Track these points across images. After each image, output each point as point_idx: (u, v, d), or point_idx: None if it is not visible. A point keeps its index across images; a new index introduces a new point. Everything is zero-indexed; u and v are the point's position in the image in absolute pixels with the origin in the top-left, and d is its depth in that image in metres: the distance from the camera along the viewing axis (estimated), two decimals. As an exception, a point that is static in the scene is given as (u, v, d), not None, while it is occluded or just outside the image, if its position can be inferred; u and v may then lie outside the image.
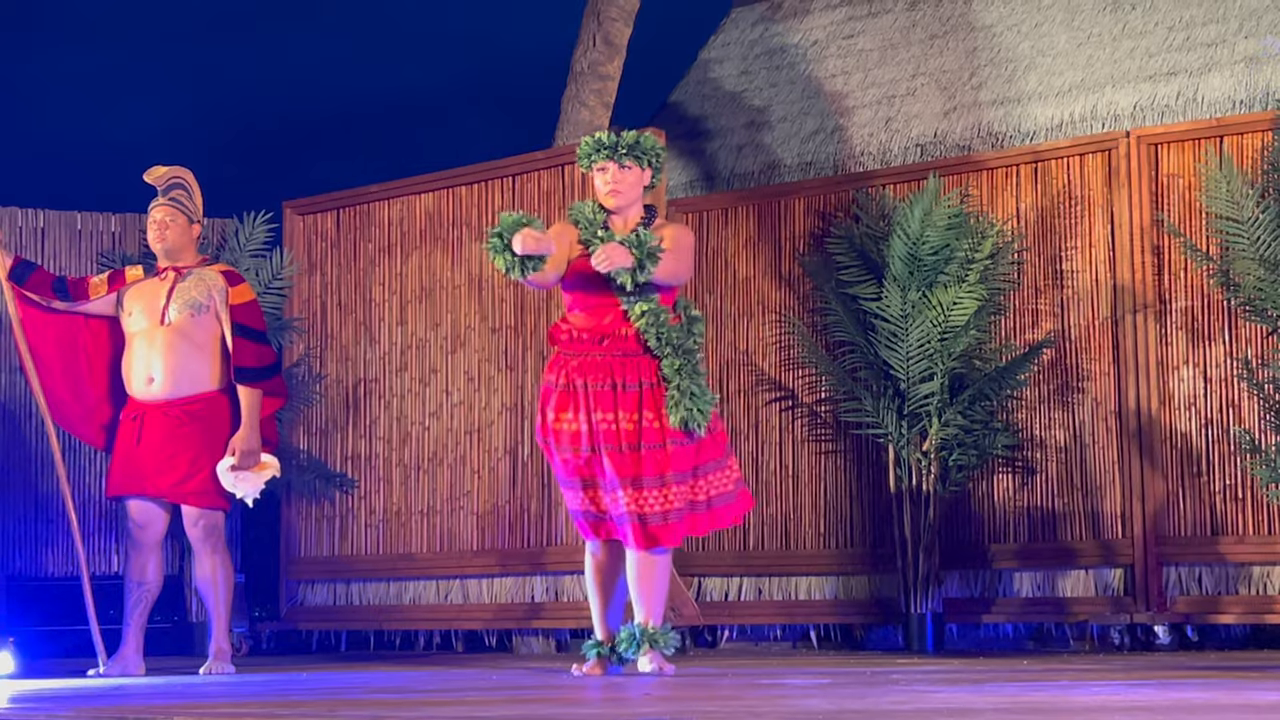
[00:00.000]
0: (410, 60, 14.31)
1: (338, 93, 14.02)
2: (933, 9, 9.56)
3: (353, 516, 8.65)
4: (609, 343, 5.08)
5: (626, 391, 5.05)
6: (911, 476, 7.53)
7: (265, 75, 13.97)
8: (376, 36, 14.32)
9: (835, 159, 8.98)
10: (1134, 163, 7.48)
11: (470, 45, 14.37)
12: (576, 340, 5.11)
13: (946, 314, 7.42)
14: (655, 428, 5.04)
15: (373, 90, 14.11)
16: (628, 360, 5.08)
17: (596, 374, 5.07)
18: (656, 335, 5.04)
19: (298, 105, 13.90)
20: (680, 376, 5.02)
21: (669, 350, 5.05)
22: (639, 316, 5.03)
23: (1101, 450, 7.46)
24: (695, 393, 5.03)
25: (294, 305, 8.88)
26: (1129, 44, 8.64)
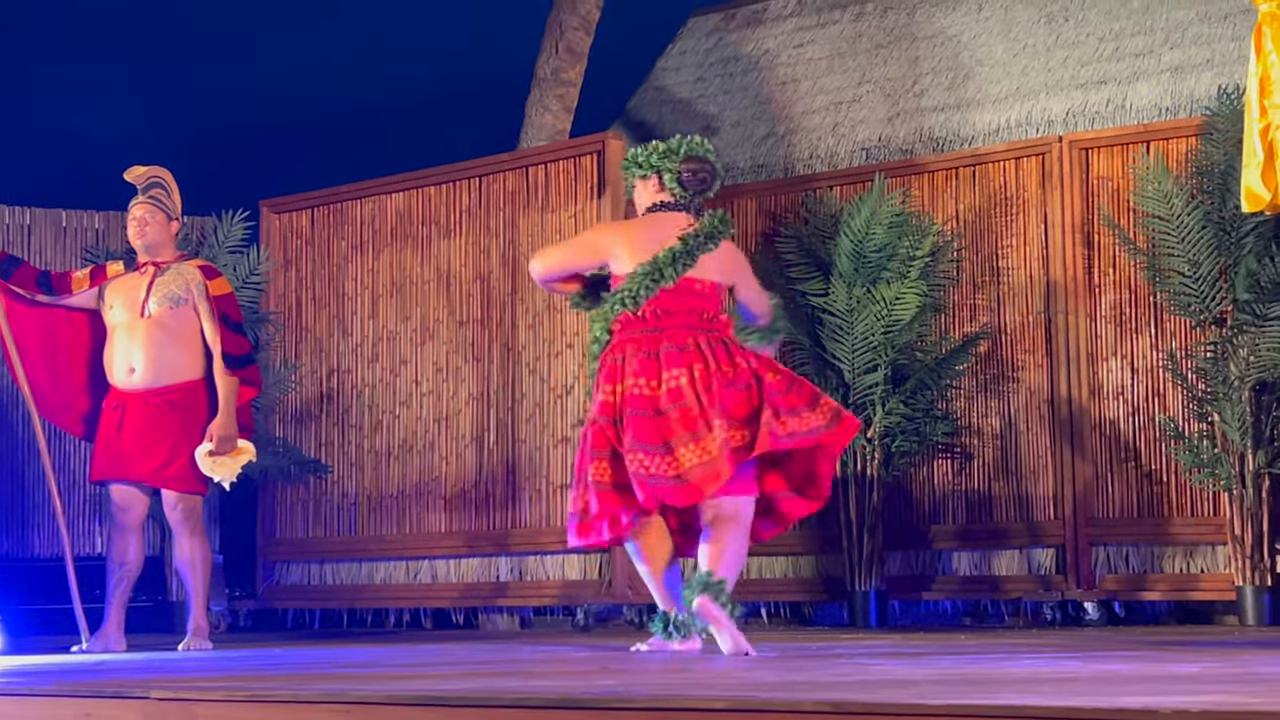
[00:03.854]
0: (382, 65, 14.26)
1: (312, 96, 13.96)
2: (878, 20, 9.59)
3: (326, 500, 8.62)
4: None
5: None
6: (856, 462, 7.55)
7: (243, 79, 13.90)
8: (350, 43, 14.27)
9: (785, 162, 9.00)
10: (1066, 166, 7.51)
11: (439, 52, 14.33)
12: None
13: (890, 309, 7.44)
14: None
15: (346, 94, 14.05)
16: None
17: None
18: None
19: (274, 108, 13.82)
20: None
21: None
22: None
23: (1034, 437, 7.50)
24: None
25: (270, 299, 8.85)
26: (1062, 54, 8.68)
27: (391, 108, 14.11)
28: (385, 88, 14.22)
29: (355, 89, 14.17)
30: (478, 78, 13.78)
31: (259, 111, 13.82)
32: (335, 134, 13.84)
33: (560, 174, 8.04)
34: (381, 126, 13.96)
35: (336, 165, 11.00)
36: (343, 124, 13.93)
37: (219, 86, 13.84)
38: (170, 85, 13.58)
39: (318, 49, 14.16)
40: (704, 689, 2.89)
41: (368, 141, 13.59)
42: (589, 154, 7.88)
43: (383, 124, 14.01)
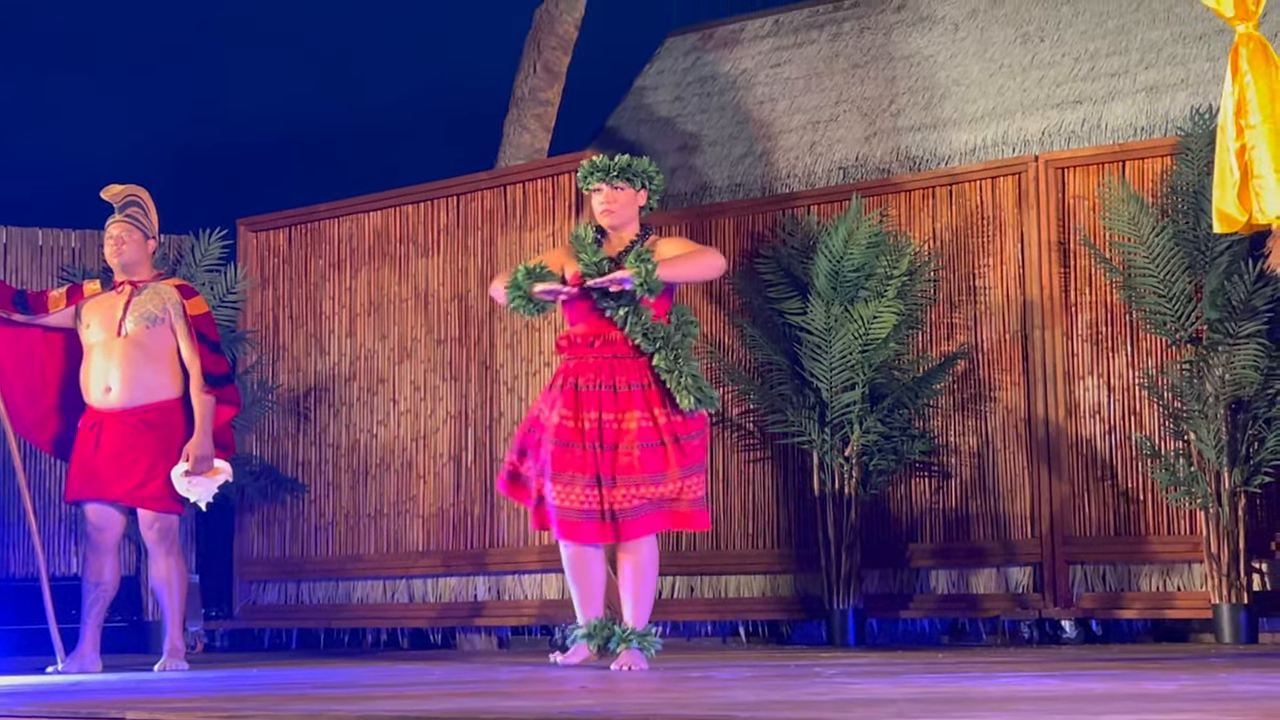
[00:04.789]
0: (360, 85, 14.26)
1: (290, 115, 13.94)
2: (855, 40, 9.63)
3: (303, 519, 8.60)
4: (600, 344, 5.07)
5: (618, 393, 5.03)
6: (834, 481, 7.55)
7: (221, 98, 13.88)
8: (327, 61, 14.26)
9: (763, 181, 9.02)
10: (1042, 185, 7.54)
11: (417, 71, 14.33)
12: (573, 344, 5.12)
13: (867, 327, 7.45)
14: (649, 426, 5.01)
15: (324, 113, 14.04)
16: (618, 362, 5.06)
17: (590, 374, 5.05)
18: (643, 333, 5.03)
19: (252, 126, 13.81)
20: (678, 365, 5.01)
21: (659, 345, 5.03)
22: (621, 320, 5.03)
23: (1011, 456, 7.51)
24: (696, 375, 5.04)
25: (247, 318, 8.83)
26: (1038, 74, 8.72)
27: (369, 127, 14.10)
28: (363, 107, 14.22)
29: (333, 108, 14.17)
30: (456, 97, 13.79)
31: (237, 130, 13.81)
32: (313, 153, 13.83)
33: (538, 193, 8.04)
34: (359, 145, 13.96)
35: (314, 184, 10.98)
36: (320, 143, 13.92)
37: (196, 105, 13.83)
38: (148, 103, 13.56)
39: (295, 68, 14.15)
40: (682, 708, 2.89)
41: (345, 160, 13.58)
42: (567, 173, 7.88)
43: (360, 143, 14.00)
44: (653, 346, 5.02)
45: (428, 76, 14.25)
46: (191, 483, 6.02)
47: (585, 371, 5.06)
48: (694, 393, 5.00)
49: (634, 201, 5.22)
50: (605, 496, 4.97)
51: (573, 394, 5.05)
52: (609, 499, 4.97)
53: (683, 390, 4.99)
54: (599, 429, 5.00)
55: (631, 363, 5.07)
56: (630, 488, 4.98)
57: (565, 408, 5.04)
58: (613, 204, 5.18)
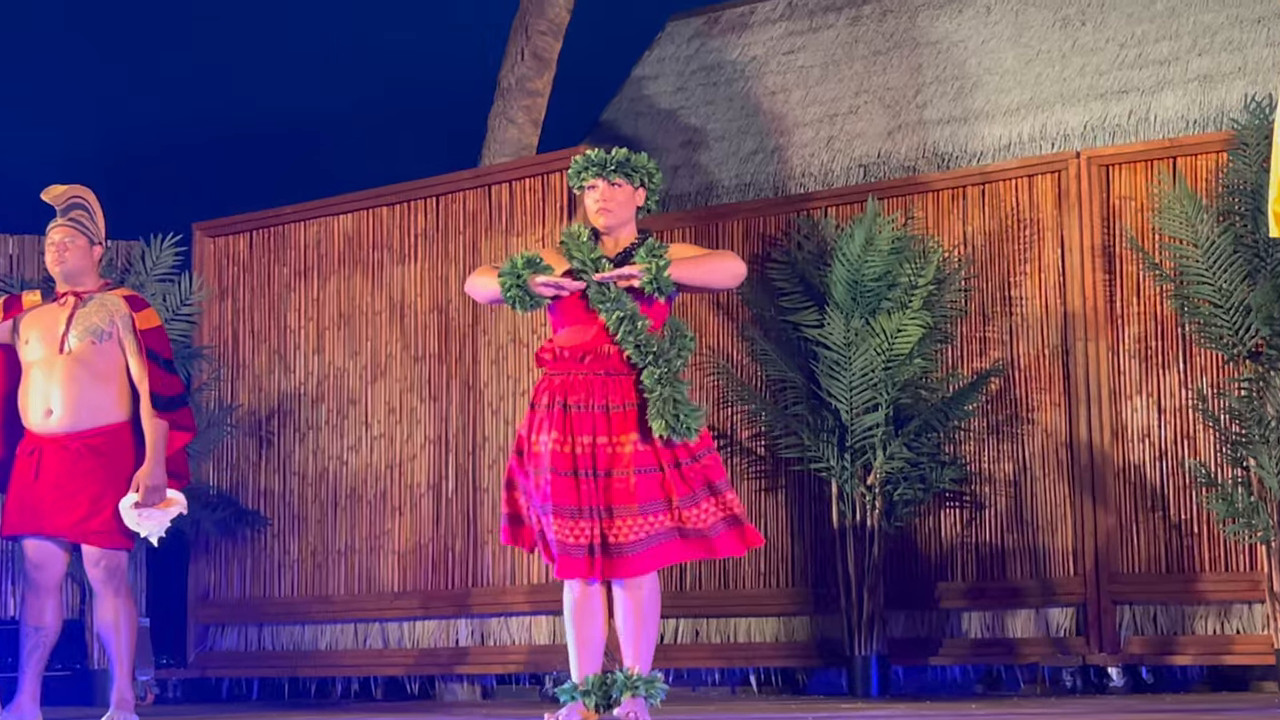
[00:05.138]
0: (329, 75, 14.25)
1: (251, 109, 13.92)
2: (876, 24, 9.62)
3: (266, 556, 8.56)
4: (591, 360, 4.99)
5: (611, 414, 4.99)
6: (855, 512, 7.52)
7: (176, 90, 13.86)
8: (294, 50, 14.24)
9: (775, 180, 9.00)
10: (1084, 184, 7.52)
11: (392, 59, 14.32)
12: (559, 359, 5.04)
13: (890, 342, 7.43)
14: (646, 450, 4.97)
15: (289, 106, 14.03)
16: (611, 380, 5.00)
17: (580, 393, 4.99)
18: (635, 344, 4.97)
19: (209, 123, 13.79)
20: (661, 385, 4.94)
21: (650, 359, 4.98)
22: (615, 325, 4.96)
23: (1051, 484, 7.48)
24: (679, 400, 4.96)
25: (204, 333, 8.80)
26: (1079, 61, 8.71)
27: (339, 120, 14.09)
28: (332, 98, 14.20)
29: (299, 99, 14.15)
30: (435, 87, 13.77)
31: (192, 126, 13.78)
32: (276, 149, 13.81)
33: (526, 193, 8.02)
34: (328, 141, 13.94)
35: (278, 184, 10.95)
36: (285, 138, 13.91)
37: (149, 98, 13.81)
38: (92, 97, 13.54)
39: (257, 55, 14.14)
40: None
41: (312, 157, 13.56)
42: (558, 171, 7.85)
43: (329, 138, 13.98)
44: (644, 361, 4.98)
45: (404, 66, 14.24)
46: (142, 515, 5.97)
47: (574, 390, 5.01)
48: (667, 419, 4.91)
49: (632, 200, 5.18)
50: (602, 529, 4.93)
51: (562, 415, 4.99)
52: (606, 532, 4.92)
53: (657, 414, 4.91)
54: (592, 454, 4.95)
55: (626, 380, 5.01)
56: (627, 519, 4.92)
57: (556, 430, 4.99)
58: (609, 202, 5.14)
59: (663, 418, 4.90)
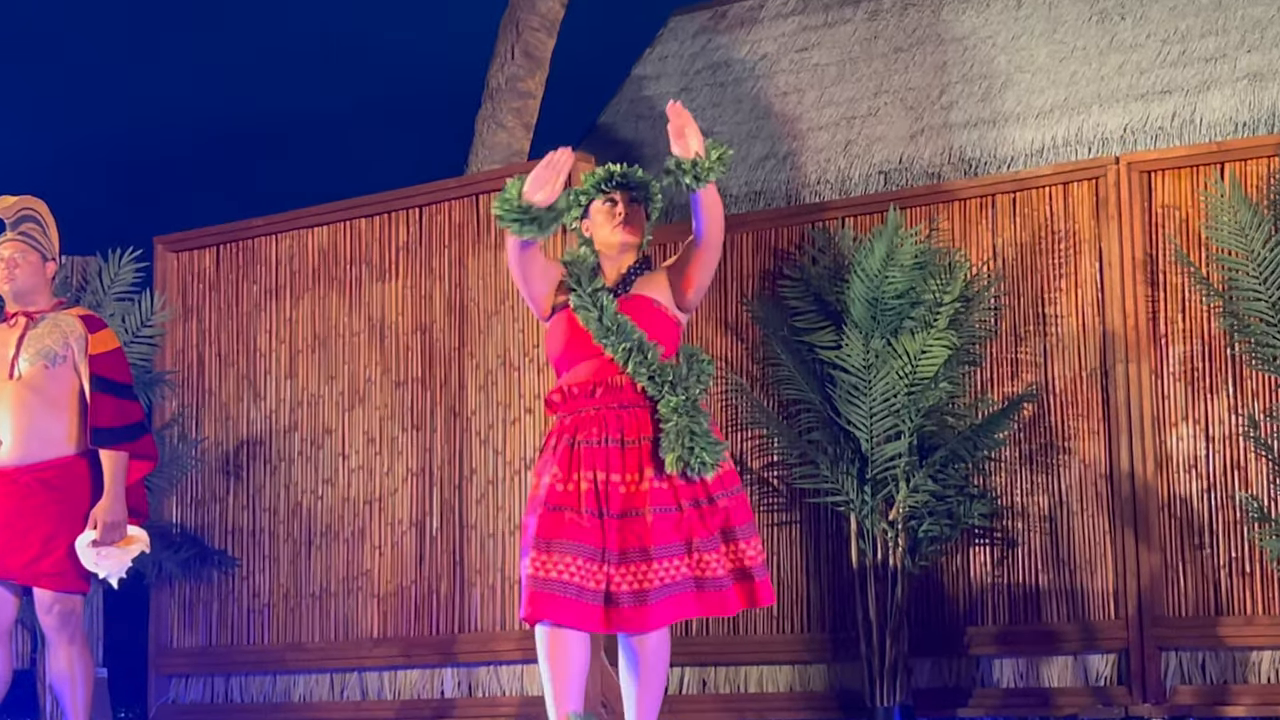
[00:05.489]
0: (302, 76, 14.30)
1: (219, 113, 13.97)
2: (897, 19, 9.66)
3: (234, 600, 8.57)
4: (602, 393, 5.02)
5: (625, 449, 5.00)
6: (876, 550, 7.53)
7: (135, 93, 13.90)
8: (264, 50, 14.29)
9: (787, 188, 9.03)
10: (1124, 192, 7.54)
11: (371, 59, 14.37)
12: (569, 398, 5.06)
13: (914, 364, 7.44)
14: (664, 488, 5.00)
15: (259, 110, 14.08)
16: (625, 413, 5.02)
17: (592, 428, 5.00)
18: (649, 375, 4.99)
19: (172, 129, 13.84)
20: (678, 415, 4.96)
21: (666, 388, 5.00)
22: (623, 357, 4.99)
23: (1090, 519, 7.49)
24: (696, 432, 4.97)
25: (167, 356, 8.82)
26: (1118, 59, 8.74)
27: (313, 125, 14.13)
28: (305, 102, 14.25)
29: (270, 103, 14.20)
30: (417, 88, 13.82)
31: (153, 133, 13.83)
32: (245, 157, 13.86)
33: (517, 204, 8.04)
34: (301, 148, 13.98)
35: (247, 194, 11.00)
36: (254, 145, 13.95)
37: (107, 102, 13.86)
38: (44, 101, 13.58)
39: (224, 56, 14.19)
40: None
41: (284, 165, 13.60)
42: (551, 180, 7.89)
43: (302, 144, 14.02)
44: (660, 392, 5.00)
45: (384, 65, 14.29)
46: (100, 555, 6.00)
47: (585, 426, 5.02)
48: (680, 452, 4.92)
49: (644, 222, 5.25)
50: (609, 575, 4.91)
51: (568, 453, 5.01)
52: (613, 578, 4.91)
53: (670, 447, 4.92)
54: (599, 492, 4.94)
55: (642, 413, 5.02)
56: (641, 564, 4.91)
57: (559, 467, 5.00)
58: (633, 218, 5.20)
59: (675, 451, 4.91)
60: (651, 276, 5.18)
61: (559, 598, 4.87)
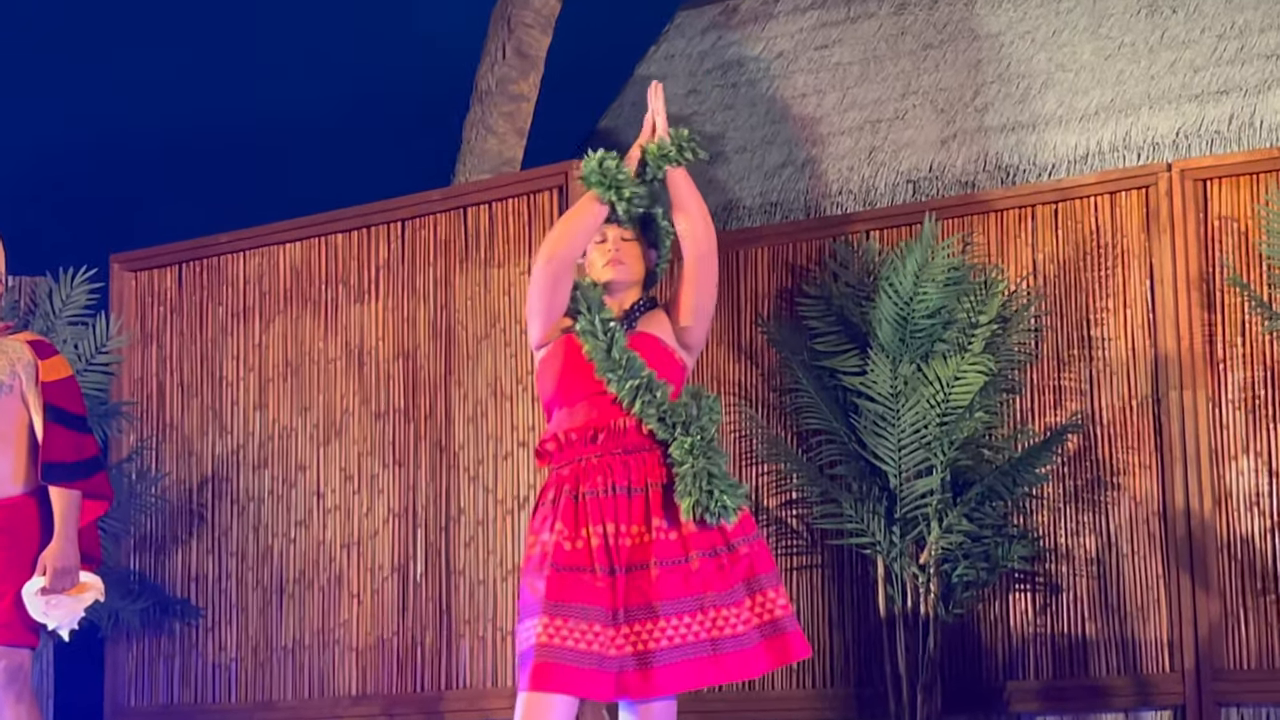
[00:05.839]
0: (271, 79, 14.30)
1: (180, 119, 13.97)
2: (926, 13, 9.66)
3: (197, 654, 8.55)
4: (605, 438, 4.99)
5: (632, 497, 4.95)
6: (906, 597, 7.51)
7: (88, 98, 13.90)
8: (229, 50, 14.30)
9: (807, 199, 9.02)
10: (1177, 203, 7.54)
11: (348, 59, 14.37)
12: (566, 445, 5.03)
13: (947, 392, 7.44)
14: (673, 539, 4.97)
15: (224, 116, 14.08)
16: (631, 458, 5.00)
17: (596, 477, 4.96)
18: (658, 415, 4.98)
19: (130, 134, 13.84)
20: (693, 457, 4.93)
21: (678, 429, 4.97)
22: (629, 396, 4.97)
23: (1142, 561, 7.48)
24: (714, 474, 4.95)
25: (124, 385, 8.82)
26: (1169, 56, 8.74)
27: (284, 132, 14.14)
28: (275, 106, 14.25)
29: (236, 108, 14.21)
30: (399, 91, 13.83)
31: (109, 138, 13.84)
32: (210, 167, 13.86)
33: (510, 216, 8.04)
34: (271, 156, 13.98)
35: (212, 208, 10.99)
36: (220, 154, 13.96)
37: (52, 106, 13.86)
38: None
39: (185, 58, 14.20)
40: None
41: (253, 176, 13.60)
42: (547, 190, 7.88)
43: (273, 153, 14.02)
44: (670, 433, 4.98)
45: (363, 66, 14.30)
46: (49, 604, 5.97)
47: (588, 476, 4.98)
48: (699, 496, 4.89)
49: (641, 257, 5.22)
50: (621, 637, 4.88)
51: (572, 506, 4.97)
52: (616, 639, 4.88)
53: (686, 492, 4.89)
54: (610, 547, 4.95)
55: (648, 456, 5.00)
56: (647, 622, 4.89)
57: (563, 523, 4.95)
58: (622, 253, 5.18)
59: (692, 495, 4.88)
60: (654, 314, 5.17)
61: (573, 669, 4.81)
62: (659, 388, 4.98)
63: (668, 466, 4.95)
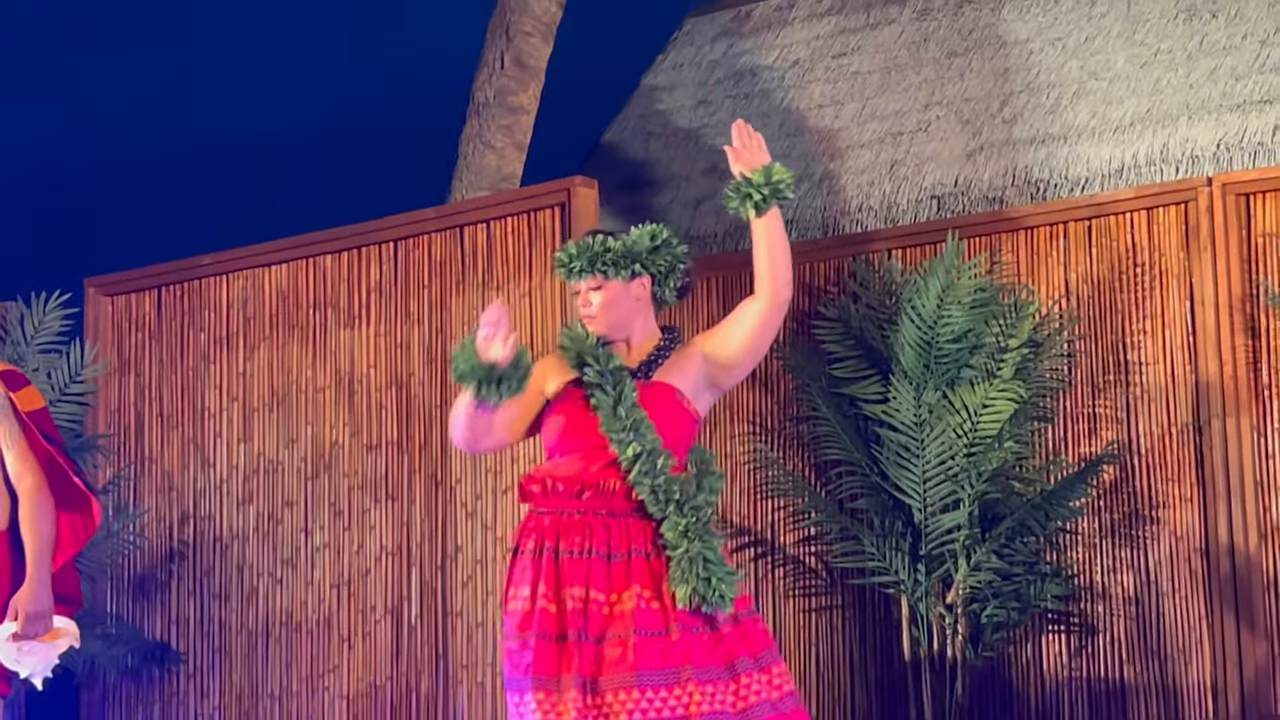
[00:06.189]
0: (255, 92, 14.32)
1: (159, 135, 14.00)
2: (951, 19, 9.68)
3: (179, 702, 8.54)
4: (590, 496, 5.04)
5: (612, 563, 5.00)
6: (932, 639, 7.50)
7: (62, 112, 13.94)
8: (211, 62, 14.33)
9: (824, 216, 9.03)
10: (1218, 219, 7.54)
11: (336, 70, 14.40)
12: (550, 493, 5.07)
13: (974, 420, 7.43)
14: (653, 610, 4.97)
15: (205, 131, 14.11)
16: (615, 522, 5.04)
17: (576, 537, 5.02)
18: (651, 488, 5.01)
19: (105, 150, 13.87)
20: (688, 540, 4.97)
21: (671, 507, 5.01)
22: (630, 461, 5.00)
23: (1183, 601, 7.47)
24: (710, 559, 4.98)
25: (100, 417, 8.82)
26: (1209, 63, 8.75)
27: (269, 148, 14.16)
28: (259, 121, 14.28)
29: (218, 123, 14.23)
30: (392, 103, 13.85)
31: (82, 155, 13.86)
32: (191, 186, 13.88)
33: (508, 236, 8.05)
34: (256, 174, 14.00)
35: (193, 228, 11.01)
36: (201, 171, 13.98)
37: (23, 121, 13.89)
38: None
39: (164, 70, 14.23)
40: None
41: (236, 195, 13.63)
42: (548, 208, 7.89)
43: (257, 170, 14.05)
44: (662, 510, 5.01)
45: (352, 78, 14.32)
46: (22, 650, 5.98)
47: (569, 534, 5.04)
48: (695, 585, 4.91)
49: (626, 295, 5.23)
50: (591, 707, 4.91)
51: (552, 565, 5.04)
52: (596, 710, 4.90)
53: (682, 579, 4.92)
54: (584, 612, 4.97)
55: (633, 522, 5.05)
56: (619, 692, 4.91)
57: (545, 584, 5.02)
58: (589, 307, 5.22)
59: (689, 584, 4.92)
60: (680, 357, 5.19)
61: None
62: (661, 459, 5.01)
63: (653, 535, 4.98)
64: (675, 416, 5.08)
